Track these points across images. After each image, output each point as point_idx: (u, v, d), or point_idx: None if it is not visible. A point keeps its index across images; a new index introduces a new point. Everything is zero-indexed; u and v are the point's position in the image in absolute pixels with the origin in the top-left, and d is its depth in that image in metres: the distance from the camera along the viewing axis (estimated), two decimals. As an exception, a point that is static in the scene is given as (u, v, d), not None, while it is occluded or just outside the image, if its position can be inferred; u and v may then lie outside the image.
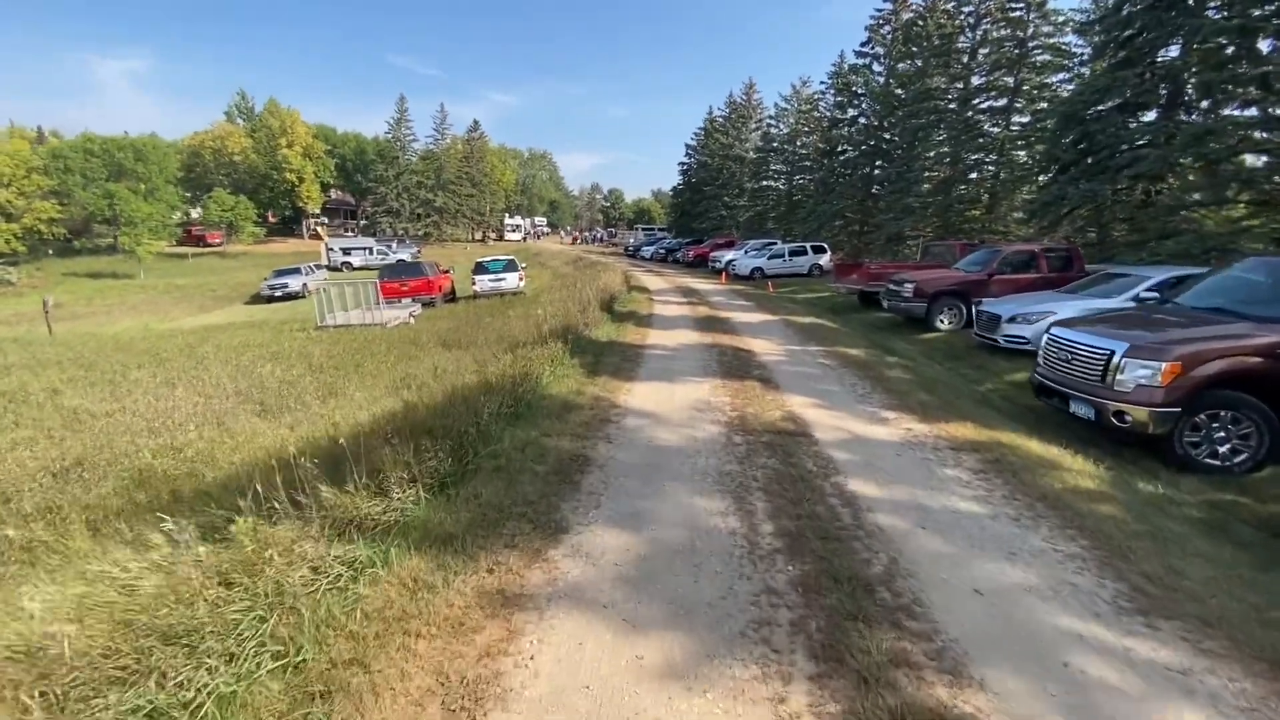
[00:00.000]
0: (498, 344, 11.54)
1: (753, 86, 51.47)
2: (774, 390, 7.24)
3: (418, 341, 14.92)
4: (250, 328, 20.21)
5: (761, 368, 8.62)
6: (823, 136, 39.56)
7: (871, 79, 34.74)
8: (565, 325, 10.74)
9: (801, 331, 12.63)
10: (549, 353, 7.91)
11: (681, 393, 7.01)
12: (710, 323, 13.49)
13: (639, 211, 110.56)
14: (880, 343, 12.25)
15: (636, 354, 9.37)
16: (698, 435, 5.43)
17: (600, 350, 9.54)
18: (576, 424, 5.54)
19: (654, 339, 11.04)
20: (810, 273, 30.22)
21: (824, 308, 19.02)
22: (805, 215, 38.14)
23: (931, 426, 6.00)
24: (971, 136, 26.50)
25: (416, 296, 22.23)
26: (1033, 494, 4.36)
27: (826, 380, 8.02)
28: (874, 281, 16.98)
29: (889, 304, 14.38)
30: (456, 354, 12.71)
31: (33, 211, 49.71)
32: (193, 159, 70.80)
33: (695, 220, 53.67)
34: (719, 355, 9.51)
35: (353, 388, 10.13)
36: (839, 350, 10.34)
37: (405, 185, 69.13)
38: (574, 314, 11.22)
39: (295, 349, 14.08)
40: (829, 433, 5.65)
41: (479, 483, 4.20)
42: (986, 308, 11.09)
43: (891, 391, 7.48)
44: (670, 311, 15.64)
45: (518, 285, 24.22)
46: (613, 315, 13.72)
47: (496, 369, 6.83)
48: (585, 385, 7.09)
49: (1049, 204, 17.63)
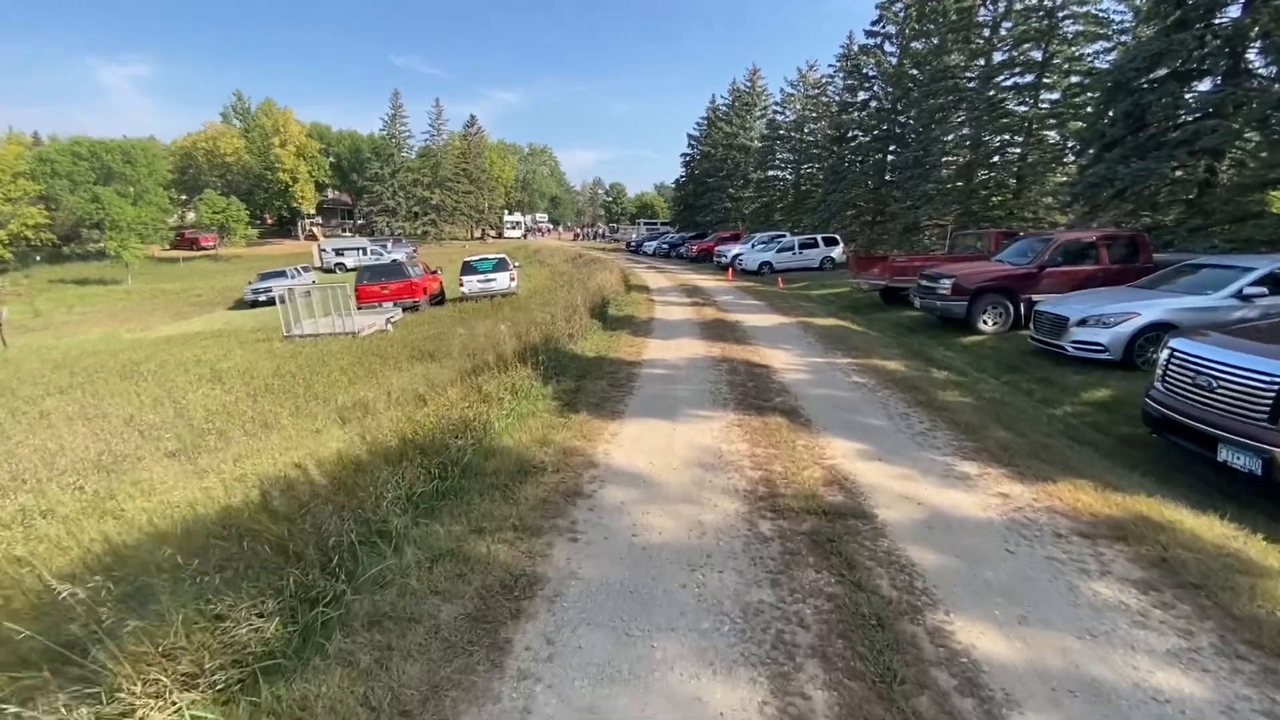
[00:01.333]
0: (475, 355, 9.94)
1: (757, 73, 49.47)
2: (805, 429, 5.49)
3: (387, 353, 13.27)
4: (218, 338, 18.59)
5: (784, 391, 6.87)
6: (832, 122, 37.59)
7: (884, 59, 32.75)
8: (547, 336, 9.02)
9: (823, 337, 10.86)
10: (515, 379, 6.19)
11: (684, 437, 5.27)
12: (718, 328, 11.73)
13: (642, 206, 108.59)
14: (917, 350, 10.46)
15: (629, 375, 7.63)
16: (706, 520, 3.69)
17: (585, 370, 7.81)
18: (530, 505, 3.81)
19: (652, 352, 9.29)
20: (822, 266, 28.39)
21: (842, 306, 17.21)
22: (815, 206, 36.24)
23: (1034, 489, 4.25)
24: (994, 116, 24.57)
25: (398, 300, 20.56)
26: (1257, 638, 2.62)
27: (868, 409, 6.26)
28: (900, 276, 15.17)
29: (921, 302, 12.57)
30: (426, 368, 11.10)
31: (19, 217, 48.38)
32: (185, 161, 69.46)
33: (699, 214, 51.76)
34: (730, 373, 7.76)
35: (290, 417, 8.45)
36: (873, 363, 8.57)
37: (401, 183, 67.48)
38: (558, 323, 9.48)
39: (245, 365, 12.43)
40: (895, 508, 3.91)
41: (322, 670, 2.42)
42: (1048, 308, 9.28)
43: (957, 425, 5.72)
44: (672, 315, 13.89)
45: (509, 286, 22.49)
46: (606, 322, 11.97)
47: (435, 410, 5.10)
48: (555, 429, 5.35)
49: (1094, 186, 15.73)
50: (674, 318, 13.38)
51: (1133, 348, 8.31)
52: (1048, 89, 23.00)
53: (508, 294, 22.37)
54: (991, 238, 15.45)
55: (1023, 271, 11.56)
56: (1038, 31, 22.34)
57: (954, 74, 26.18)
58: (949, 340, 11.53)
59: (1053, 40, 22.17)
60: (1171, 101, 14.64)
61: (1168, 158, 14.32)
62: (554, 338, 8.95)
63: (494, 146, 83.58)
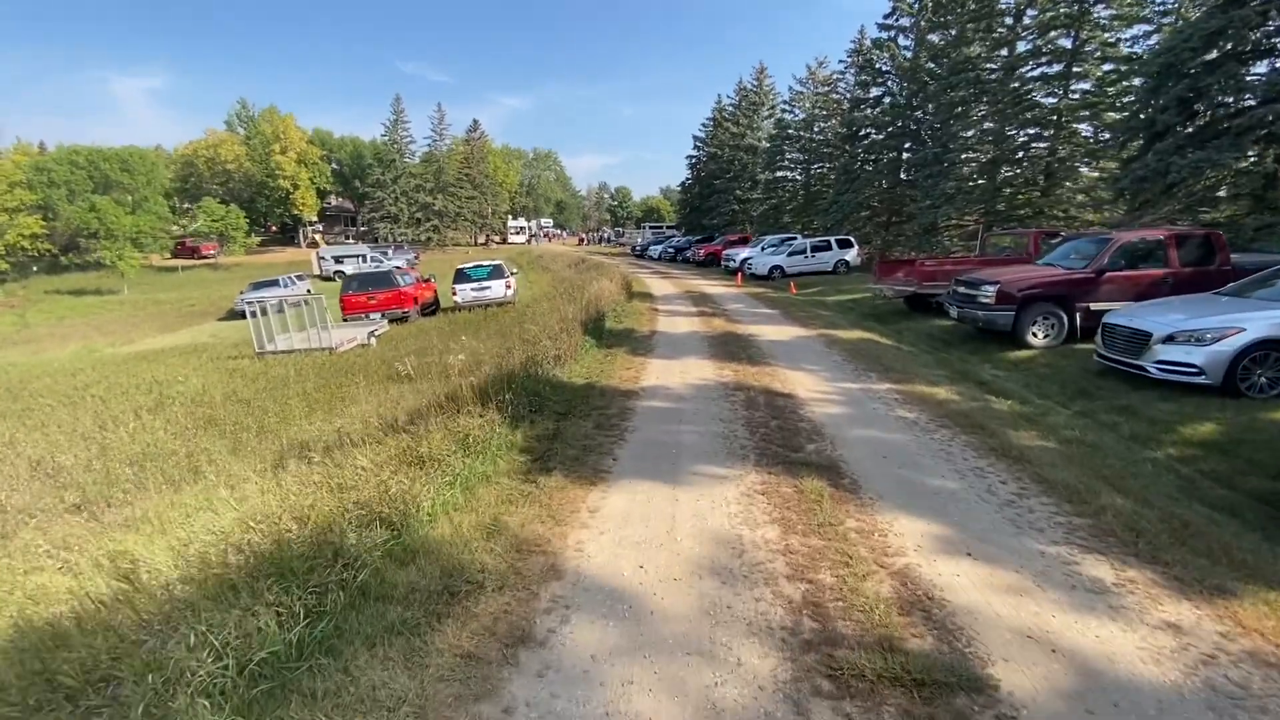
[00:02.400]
0: (459, 373, 8.67)
1: (764, 71, 48.08)
2: (853, 498, 4.09)
3: (363, 372, 11.94)
4: (191, 354, 17.36)
5: (817, 434, 5.45)
6: (843, 120, 36.11)
7: (898, 53, 31.26)
8: (530, 358, 7.65)
9: (851, 354, 9.42)
10: (471, 425, 4.80)
11: (690, 517, 3.86)
12: (729, 344, 10.31)
13: (647, 210, 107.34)
14: (961, 369, 9.01)
15: (622, 411, 6.22)
16: (725, 701, 2.27)
17: (570, 404, 6.41)
18: (446, 668, 2.37)
19: (653, 376, 7.88)
20: (836, 270, 26.94)
21: (863, 314, 15.76)
22: (826, 207, 34.77)
23: (1210, 611, 2.85)
24: (1020, 109, 23.04)
25: (386, 311, 19.32)
26: None
27: (930, 461, 4.84)
28: (929, 282, 13.72)
29: (959, 311, 11.11)
30: (402, 390, 9.80)
31: (15, 227, 47.70)
32: (186, 169, 68.87)
33: (705, 216, 50.36)
34: (747, 407, 6.34)
35: (225, 458, 7.13)
36: (916, 389, 7.14)
37: (403, 189, 66.51)
38: (542, 342, 8.11)
39: (201, 389, 11.13)
40: (1020, 664, 2.49)
41: None
42: (1122, 321, 7.82)
43: (1052, 486, 4.30)
44: (678, 327, 12.49)
45: (505, 294, 21.15)
46: (602, 338, 10.58)
47: (349, 478, 3.72)
48: (515, 502, 3.94)
49: (1143, 180, 14.22)
50: (679, 330, 11.98)
51: (1235, 370, 6.83)
52: (1079, 78, 21.47)
53: (504, 303, 21.03)
54: (1030, 238, 13.96)
55: (1078, 277, 10.08)
56: (1068, 18, 20.83)
57: (975, 65, 24.67)
58: (994, 356, 10.07)
59: (1084, 26, 20.64)
60: (1233, 84, 13.14)
61: (1230, 147, 12.80)
62: (538, 359, 7.57)
63: (498, 151, 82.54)
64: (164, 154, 72.14)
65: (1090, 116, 21.02)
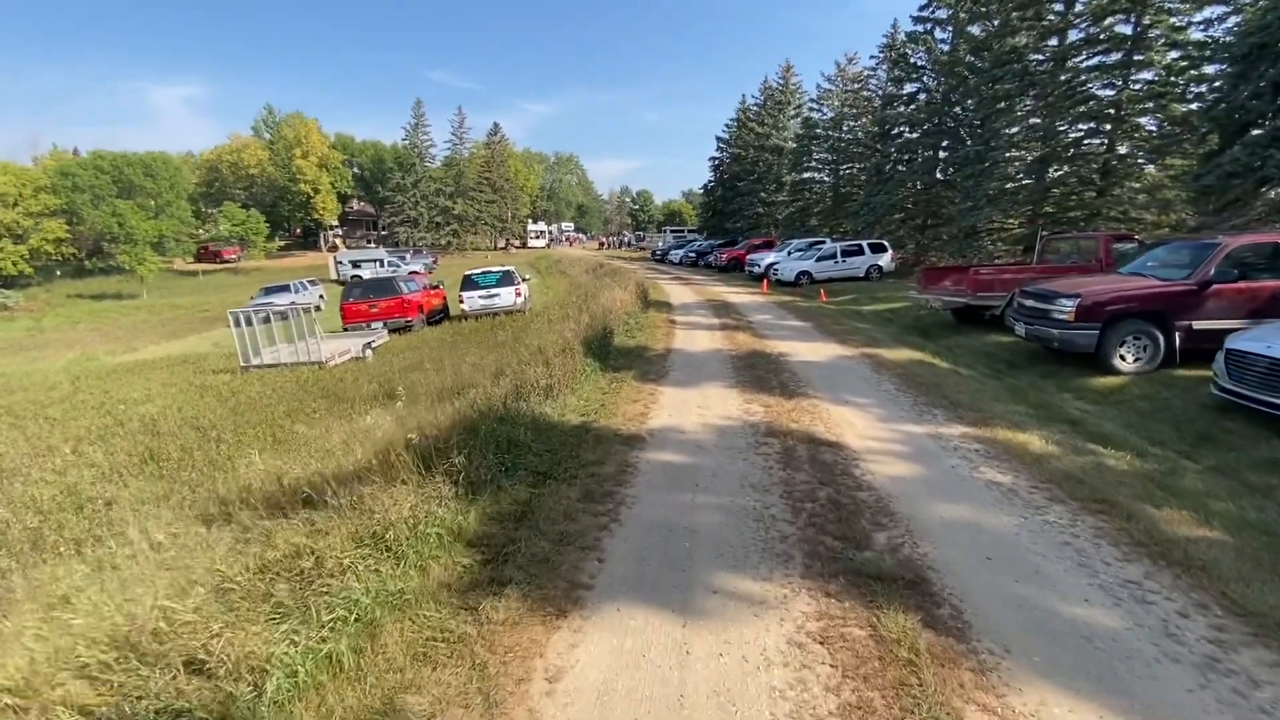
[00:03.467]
0: (453, 392, 7.41)
1: (790, 70, 46.34)
2: (970, 662, 2.63)
3: (346, 392, 10.74)
4: (181, 365, 16.41)
5: (886, 514, 3.98)
6: (875, 118, 34.34)
7: (935, 47, 29.45)
8: (516, 388, 6.29)
9: (906, 382, 7.88)
10: (395, 514, 3.41)
11: (708, 697, 2.43)
12: (756, 366, 8.84)
13: (669, 213, 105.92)
14: (1040, 401, 7.42)
15: (618, 473, 4.75)
16: None
17: (553, 459, 4.97)
18: None
19: (664, 413, 6.44)
20: (868, 275, 25.27)
21: (905, 327, 14.16)
22: (857, 209, 32.99)
23: None
24: (1072, 103, 21.16)
25: (389, 320, 18.18)
26: None
27: (1063, 574, 3.34)
28: (984, 292, 12.08)
29: (1029, 329, 9.47)
30: (383, 413, 8.55)
31: (40, 232, 48.00)
32: (211, 173, 69.32)
33: (728, 220, 48.75)
34: (784, 465, 4.87)
35: (147, 507, 5.88)
36: (997, 435, 5.60)
37: (423, 193, 66.07)
38: (531, 368, 6.74)
39: (164, 410, 9.99)
40: None
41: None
42: (1258, 347, 6.19)
43: (1258, 623, 2.78)
44: (697, 343, 11.04)
45: (514, 302, 19.89)
46: (608, 359, 9.16)
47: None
48: (416, 688, 2.49)
49: (1233, 176, 12.42)
50: (698, 348, 10.52)
51: None
52: (1140, 67, 19.54)
53: (514, 311, 19.76)
54: (1099, 243, 12.25)
55: (1177, 289, 8.42)
56: (1128, 1, 18.93)
57: (1021, 56, 22.81)
58: (1073, 383, 8.45)
59: (1146, 10, 18.74)
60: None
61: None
62: (524, 391, 6.20)
63: (519, 155, 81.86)
64: (192, 159, 73.01)
65: (1155, 109, 19.09)
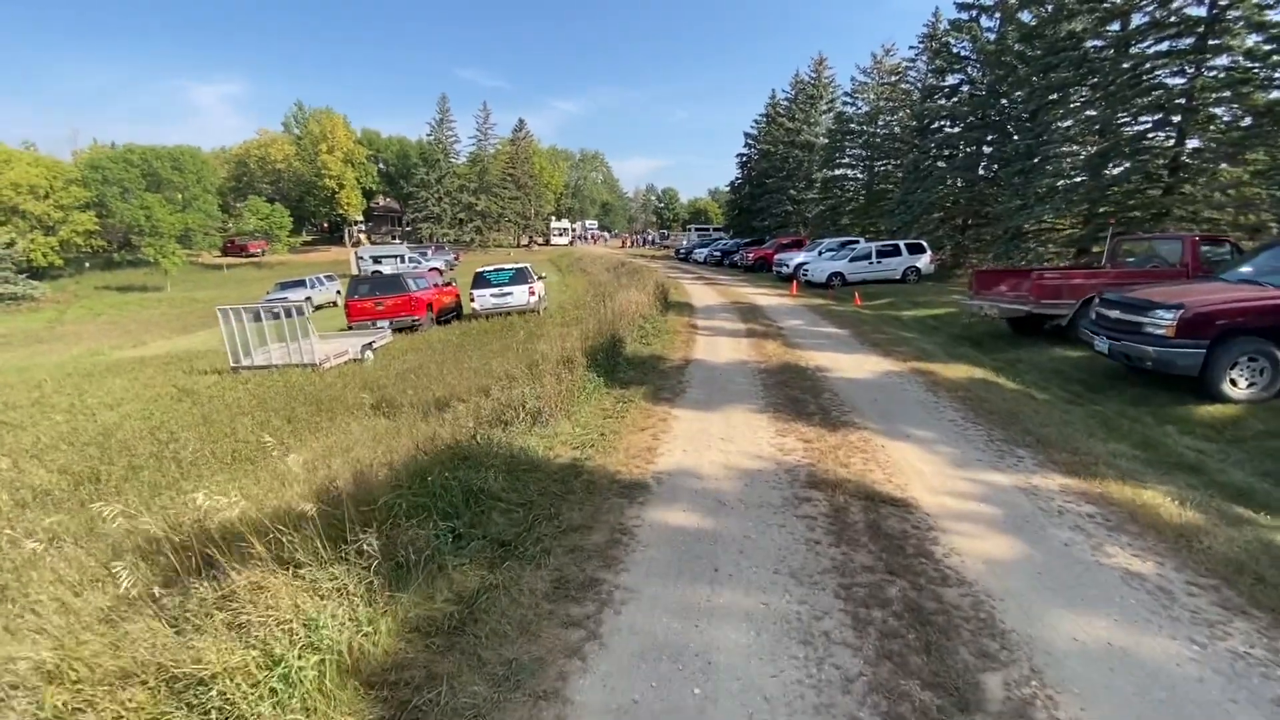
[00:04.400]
0: (442, 404, 6.42)
1: (823, 63, 44.56)
2: None
3: (335, 398, 9.73)
4: (176, 363, 15.65)
5: (994, 632, 2.73)
6: (913, 112, 32.58)
7: (980, 35, 27.62)
8: (498, 411, 5.15)
9: (972, 407, 6.53)
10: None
11: None
12: (790, 384, 7.56)
13: (695, 212, 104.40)
14: (1141, 437, 6.02)
15: (607, 547, 3.45)
16: None
17: (523, 518, 3.75)
18: None
19: (675, 450, 5.21)
20: (905, 278, 23.72)
21: (953, 336, 12.73)
22: (892, 208, 31.29)
23: None
24: (1136, 92, 19.34)
25: (395, 319, 17.25)
26: None
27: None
28: (1051, 300, 10.60)
29: (1113, 344, 8.02)
30: (372, 424, 7.60)
31: (70, 224, 48.51)
32: (239, 168, 69.87)
33: (755, 218, 47.17)
34: (837, 539, 3.61)
35: (47, 548, 4.85)
36: (1110, 491, 4.28)
37: (447, 189, 65.63)
38: (516, 388, 5.57)
39: (126, 417, 9.08)
40: None
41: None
42: None
43: None
44: (720, 353, 9.78)
45: (528, 301, 18.81)
46: (616, 372, 7.95)
47: None
48: None
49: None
50: (721, 359, 9.27)
51: None
52: (1216, 52, 17.69)
53: (526, 310, 18.69)
54: (1185, 245, 10.67)
55: (1307, 300, 6.95)
56: (1204, -20, 17.13)
57: (1078, 41, 21.04)
58: (1173, 412, 7.01)
59: (1226, -13, 16.91)
60: None
61: None
62: (506, 416, 5.04)
63: (544, 152, 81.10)
64: (223, 153, 73.75)
65: (1233, 98, 17.23)
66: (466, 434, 4.50)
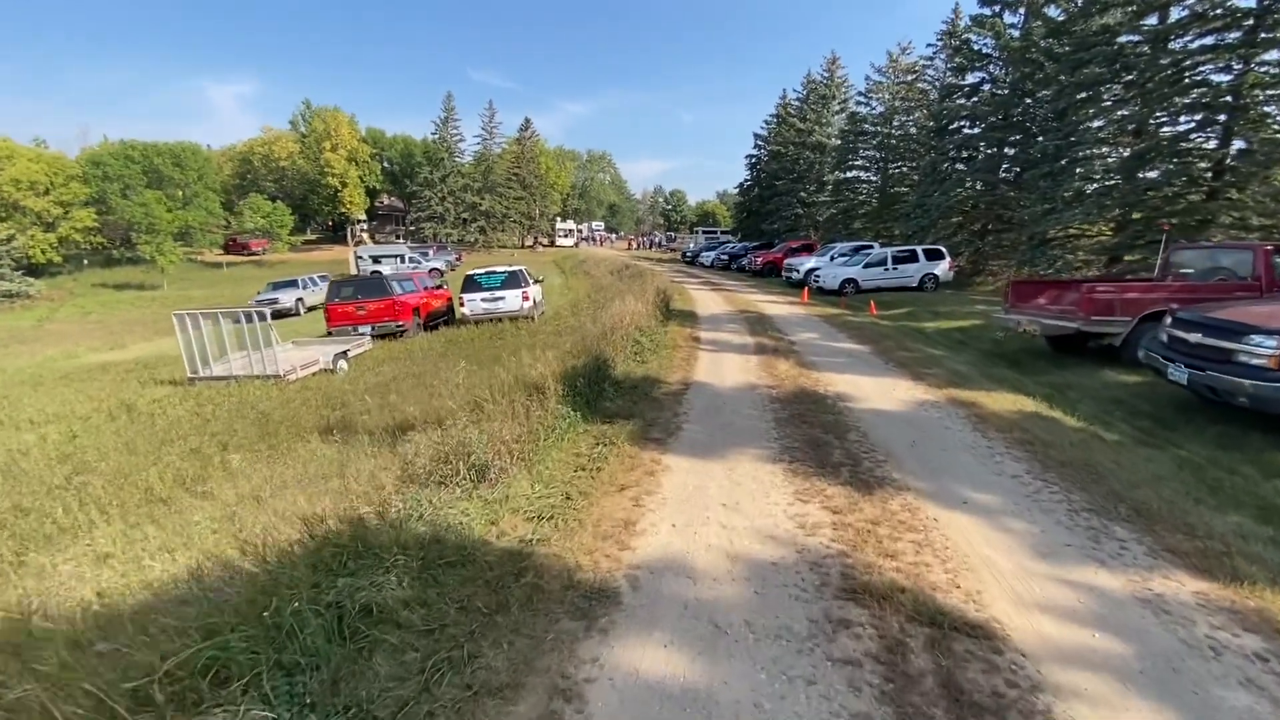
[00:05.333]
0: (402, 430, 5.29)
1: (836, 62, 43.21)
2: None
3: (291, 419, 8.57)
4: (138, 371, 14.57)
5: None
6: (930, 112, 31.26)
7: (1004, 31, 26.29)
8: (438, 459, 3.96)
9: (1035, 455, 5.26)
10: None
11: None
12: (809, 418, 6.32)
13: (702, 214, 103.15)
14: (1261, 499, 4.74)
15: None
16: None
17: (434, 649, 2.58)
18: None
19: (663, 523, 3.97)
20: (922, 285, 22.42)
21: (984, 353, 11.45)
22: (908, 211, 29.96)
23: None
24: (1177, 90, 18.02)
25: (378, 324, 16.11)
26: None
27: None
28: (1102, 316, 9.31)
29: (1194, 375, 6.73)
30: (322, 450, 6.52)
31: (69, 220, 47.82)
32: (243, 165, 69.22)
33: (764, 221, 45.87)
34: (895, 696, 2.42)
35: None
36: (1268, 608, 3.03)
37: (451, 189, 64.65)
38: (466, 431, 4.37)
39: (29, 445, 7.94)
40: None
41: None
42: None
43: None
44: (725, 375, 8.55)
45: (521, 307, 17.60)
46: (598, 402, 6.72)
47: None
48: None
49: None
50: (727, 383, 8.03)
51: None
52: (1268, 46, 16.33)
53: (520, 316, 17.50)
54: (1257, 255, 9.36)
55: None
56: (1254, -31, 15.80)
57: (1113, 35, 19.71)
58: (1274, 460, 5.72)
59: (1279, -24, 15.56)
60: None
61: None
62: (448, 474, 3.84)
63: (550, 152, 80.00)
64: (229, 151, 73.04)
65: (1289, 95, 15.90)
66: (378, 503, 3.29)
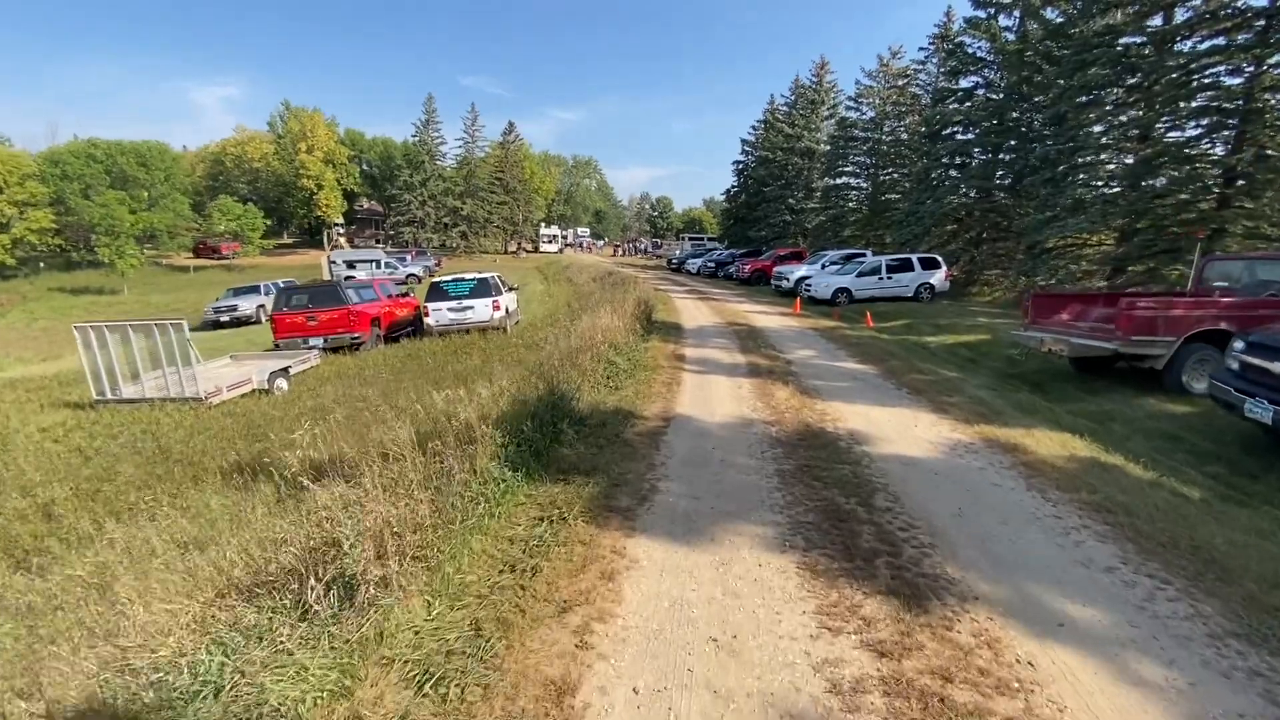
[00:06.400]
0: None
1: (825, 66, 42.37)
2: None
3: (195, 455, 7.11)
4: (57, 387, 12.93)
5: None
6: (922, 117, 30.40)
7: (999, 34, 25.46)
8: (300, 558, 2.55)
9: (1127, 534, 3.99)
10: None
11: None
12: (821, 472, 5.03)
13: (689, 221, 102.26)
14: None
15: None
16: None
17: None
18: None
19: (618, 691, 2.67)
20: (918, 295, 21.38)
21: (999, 373, 10.27)
22: (899, 219, 29.00)
23: None
24: (1185, 93, 17.14)
25: (330, 335, 14.60)
26: None
27: None
28: (1144, 335, 8.14)
29: (1253, 408, 5.52)
30: (219, 502, 5.08)
31: (25, 221, 45.54)
32: (215, 166, 67.05)
33: (752, 227, 44.85)
34: None
35: None
36: None
37: (431, 192, 62.98)
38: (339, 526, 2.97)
39: None
40: None
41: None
42: None
43: None
44: (714, 407, 7.23)
45: (491, 317, 16.14)
46: (550, 454, 5.34)
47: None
48: None
49: None
50: (716, 417, 6.71)
51: None
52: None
53: (490, 327, 16.04)
54: (1310, 267, 8.26)
55: None
56: (1267, -34, 14.92)
57: (1115, 36, 18.82)
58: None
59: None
60: None
61: None
62: (308, 579, 2.42)
63: (535, 157, 78.60)
64: (202, 152, 70.71)
65: (1306, 98, 15.03)
66: (168, 658, 1.91)
